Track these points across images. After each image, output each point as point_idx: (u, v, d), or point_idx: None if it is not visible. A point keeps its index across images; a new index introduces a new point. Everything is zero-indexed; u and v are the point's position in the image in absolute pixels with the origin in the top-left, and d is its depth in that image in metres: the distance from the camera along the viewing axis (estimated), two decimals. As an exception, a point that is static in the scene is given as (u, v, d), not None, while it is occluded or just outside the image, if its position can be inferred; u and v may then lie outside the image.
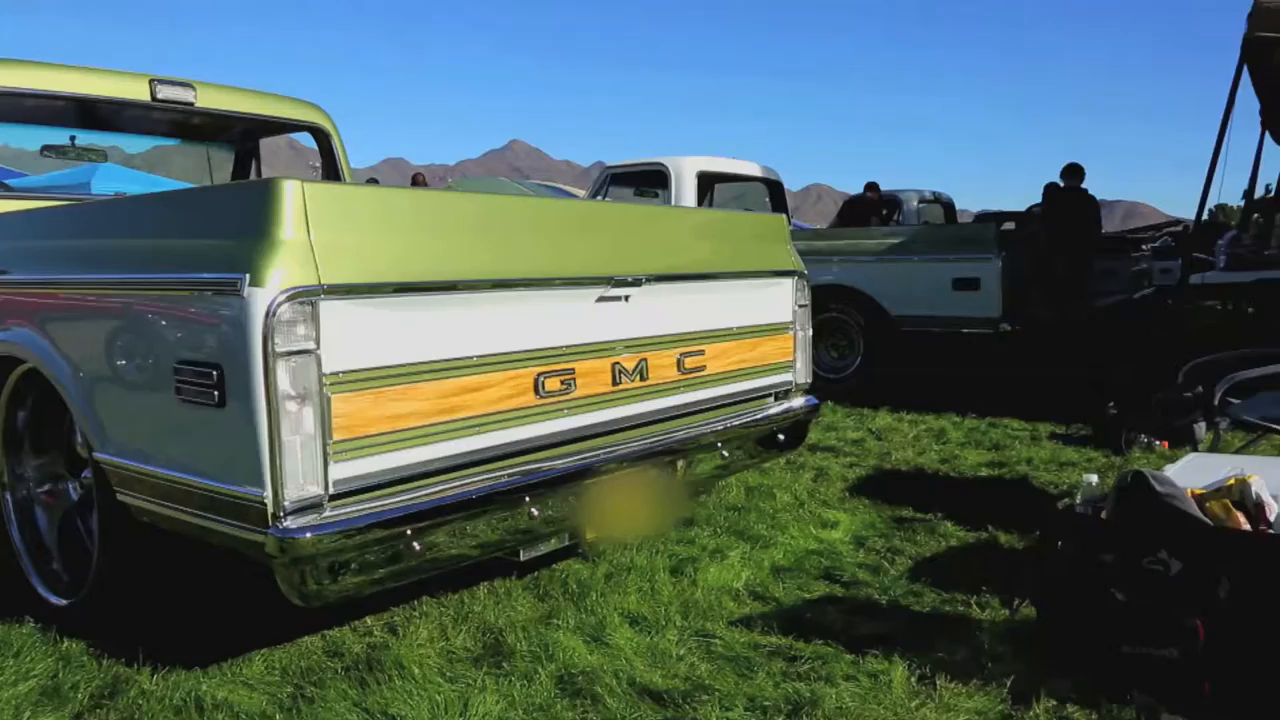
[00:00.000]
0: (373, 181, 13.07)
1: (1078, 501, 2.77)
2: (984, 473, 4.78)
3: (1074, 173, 8.31)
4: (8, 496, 3.05)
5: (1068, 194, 8.33)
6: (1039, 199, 8.92)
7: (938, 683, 2.46)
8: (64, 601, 2.83)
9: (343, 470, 2.11)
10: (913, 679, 2.50)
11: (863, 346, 7.13)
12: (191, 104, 4.24)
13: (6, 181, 4.69)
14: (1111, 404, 5.28)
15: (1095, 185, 8.46)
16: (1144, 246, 9.56)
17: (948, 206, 12.46)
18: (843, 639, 2.73)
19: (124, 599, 2.72)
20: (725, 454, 3.16)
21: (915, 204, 11.82)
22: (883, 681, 2.48)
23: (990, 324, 6.49)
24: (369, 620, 2.86)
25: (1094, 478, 2.85)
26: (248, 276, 2.00)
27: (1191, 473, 2.89)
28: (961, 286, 6.54)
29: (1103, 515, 2.62)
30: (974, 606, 2.97)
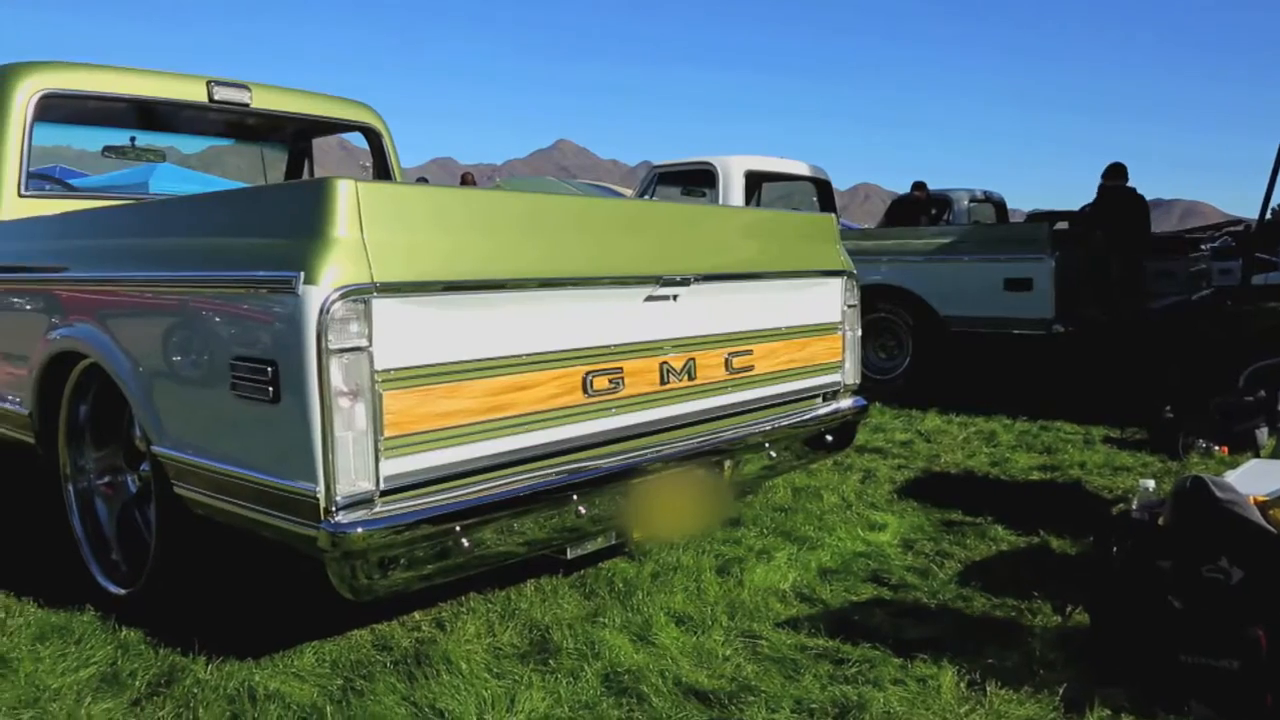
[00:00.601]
0: (423, 180, 13.21)
1: (1134, 507, 2.72)
2: (1035, 476, 4.70)
3: (1116, 173, 8.16)
4: (70, 488, 3.12)
5: (1115, 193, 8.18)
6: (1092, 199, 8.77)
7: (988, 689, 2.43)
8: (122, 591, 2.89)
9: (393, 466, 2.13)
10: (962, 684, 2.47)
11: (911, 347, 7.06)
12: (247, 105, 4.32)
13: (70, 181, 4.81)
14: (1168, 408, 5.18)
15: (1153, 184, 8.32)
16: (1203, 246, 9.34)
17: (999, 205, 12.28)
18: (890, 642, 2.70)
19: (180, 589, 2.78)
20: (772, 454, 3.15)
21: (966, 203, 11.68)
22: (931, 686, 2.45)
23: (1042, 325, 6.38)
24: (417, 615, 2.88)
25: (1150, 483, 2.79)
26: (302, 274, 2.02)
27: (1253, 479, 2.82)
28: (1013, 287, 6.44)
29: (1160, 521, 2.56)
30: (1025, 612, 2.92)
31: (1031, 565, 3.35)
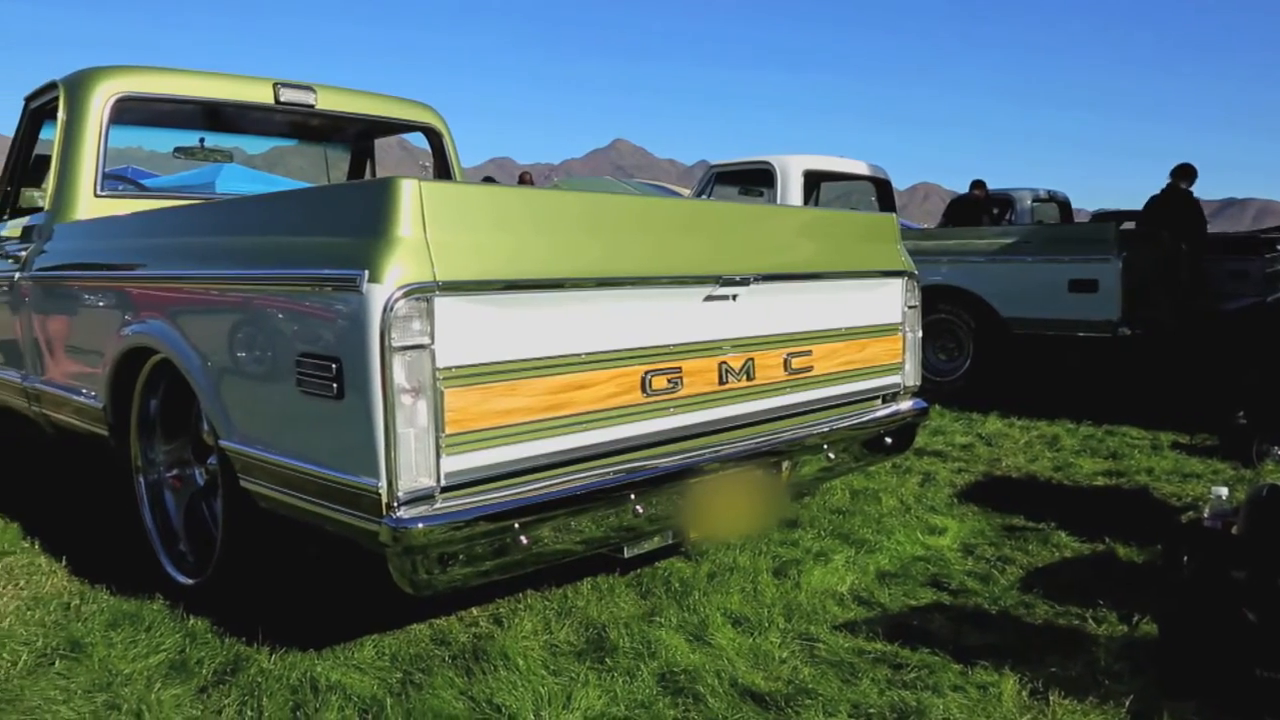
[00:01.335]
0: (489, 180, 13.31)
1: (1206, 515, 2.65)
2: (1100, 482, 4.60)
3: (1184, 173, 7.97)
4: (140, 480, 3.20)
5: (1171, 194, 8.00)
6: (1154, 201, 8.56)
7: (1050, 698, 2.38)
8: (190, 581, 2.96)
9: (454, 463, 2.15)
10: (1024, 693, 2.43)
11: (972, 349, 6.95)
12: (312, 106, 4.40)
13: (142, 182, 4.95)
14: (1241, 413, 5.02)
15: (1227, 184, 8.11)
16: (1279, 247, 9.05)
17: (1063, 205, 12.04)
18: (950, 648, 2.66)
19: (245, 581, 2.83)
20: (831, 456, 3.12)
21: (1029, 202, 11.46)
22: (992, 694, 2.41)
23: (1108, 327, 6.24)
24: (475, 611, 2.91)
25: (1223, 490, 2.72)
26: (366, 273, 2.05)
27: (1332, 488, 2.73)
28: (1078, 288, 6.31)
29: (1233, 530, 2.49)
30: (1089, 621, 2.86)
31: (1096, 573, 3.28)
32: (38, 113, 4.17)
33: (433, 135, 4.94)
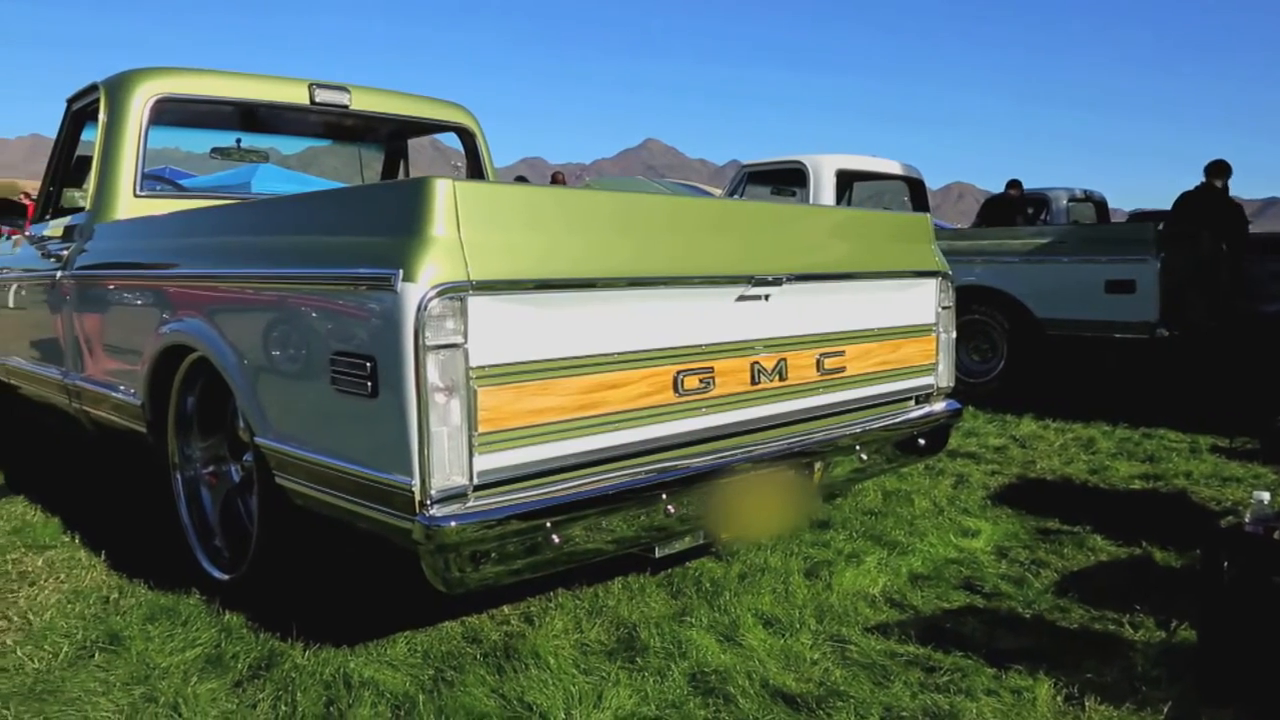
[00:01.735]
0: (522, 180, 13.35)
1: (1246, 520, 2.60)
2: (1137, 485, 4.54)
3: (1220, 170, 7.83)
4: (177, 476, 3.24)
5: (1206, 192, 7.87)
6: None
7: (1086, 703, 2.35)
8: (225, 576, 2.99)
9: (486, 462, 2.16)
10: (1059, 698, 2.40)
11: (1006, 350, 6.89)
12: (346, 106, 4.43)
13: (179, 182, 5.01)
14: (1282, 416, 4.94)
15: (1268, 184, 7.95)
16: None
17: (1100, 205, 11.89)
18: (984, 652, 2.64)
19: (280, 576, 2.86)
20: (863, 457, 3.10)
21: (1065, 202, 11.34)
22: (1026, 699, 2.39)
23: (1146, 329, 6.16)
24: (506, 609, 2.92)
25: (1265, 495, 2.66)
26: (401, 272, 2.06)
27: (1377, 493, 2.67)
28: (1115, 289, 6.24)
29: (1275, 536, 2.45)
30: (1126, 626, 2.82)
31: (1133, 578, 3.23)
32: (79, 114, 4.23)
33: (466, 135, 4.97)
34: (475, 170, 5.01)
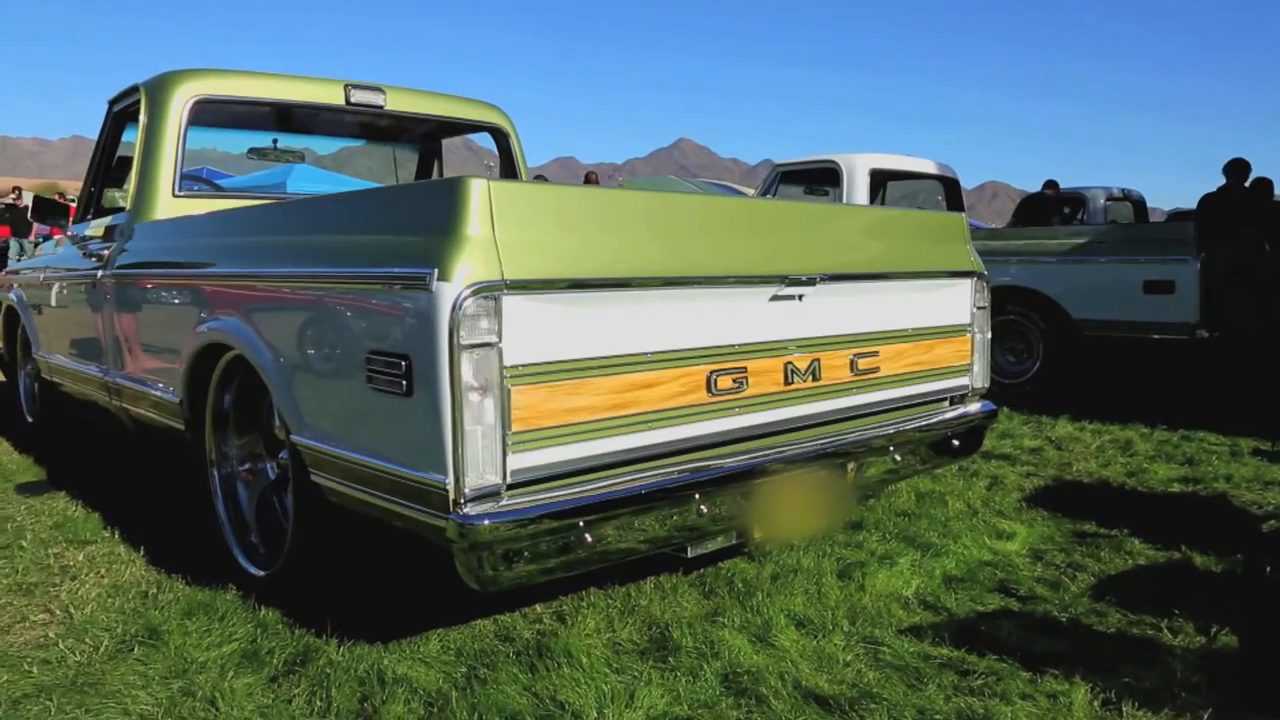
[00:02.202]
0: (540, 179, 13.37)
1: (1289, 524, 2.56)
2: (1176, 488, 4.47)
3: (1238, 170, 7.69)
4: (214, 473, 3.28)
5: (1229, 192, 7.74)
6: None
7: (1124, 709, 2.32)
8: (261, 572, 3.02)
9: (520, 461, 2.17)
10: (1095, 703, 2.37)
11: (1042, 351, 6.81)
12: (381, 107, 4.47)
13: (217, 182, 5.07)
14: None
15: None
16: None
17: (1138, 204, 11.71)
18: (1019, 655, 2.61)
19: (314, 573, 2.88)
20: (897, 458, 3.08)
21: (1102, 201, 11.18)
22: (1062, 703, 2.36)
23: (1185, 330, 6.07)
24: (538, 608, 2.93)
25: (1309, 499, 2.62)
26: (435, 271, 2.07)
27: None
28: (1154, 289, 6.15)
29: (1319, 540, 2.41)
30: (1164, 631, 2.78)
31: (1172, 582, 3.19)
32: (120, 116, 4.30)
33: (499, 135, 4.99)
34: (509, 170, 5.03)
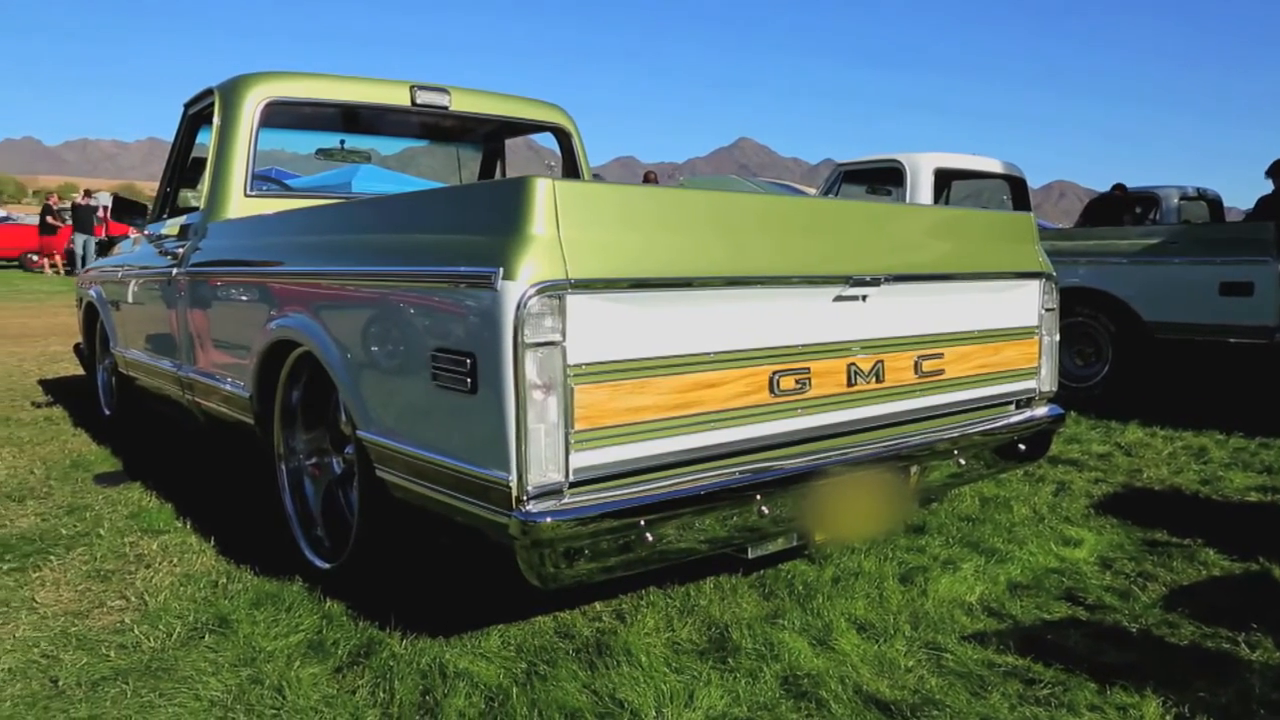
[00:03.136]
0: (597, 178, 13.40)
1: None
2: (1253, 498, 4.33)
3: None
4: (282, 467, 3.35)
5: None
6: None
7: (1198, 724, 2.26)
8: (327, 565, 3.08)
9: (582, 459, 2.18)
10: (1168, 717, 2.30)
11: (1111, 354, 6.66)
12: (446, 107, 4.52)
13: (286, 182, 5.18)
14: None
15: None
16: None
17: (1213, 204, 11.38)
18: (1086, 666, 2.55)
19: (379, 567, 2.93)
20: (961, 462, 3.03)
21: (1175, 201, 10.88)
22: (1132, 716, 2.30)
23: (1264, 333, 5.88)
24: (598, 606, 2.94)
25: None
26: (500, 270, 2.09)
27: None
28: (1230, 291, 5.97)
29: None
30: (1242, 645, 2.70)
31: (1249, 594, 3.09)
32: (195, 118, 4.41)
33: (562, 135, 5.02)
34: (570, 170, 5.05)
